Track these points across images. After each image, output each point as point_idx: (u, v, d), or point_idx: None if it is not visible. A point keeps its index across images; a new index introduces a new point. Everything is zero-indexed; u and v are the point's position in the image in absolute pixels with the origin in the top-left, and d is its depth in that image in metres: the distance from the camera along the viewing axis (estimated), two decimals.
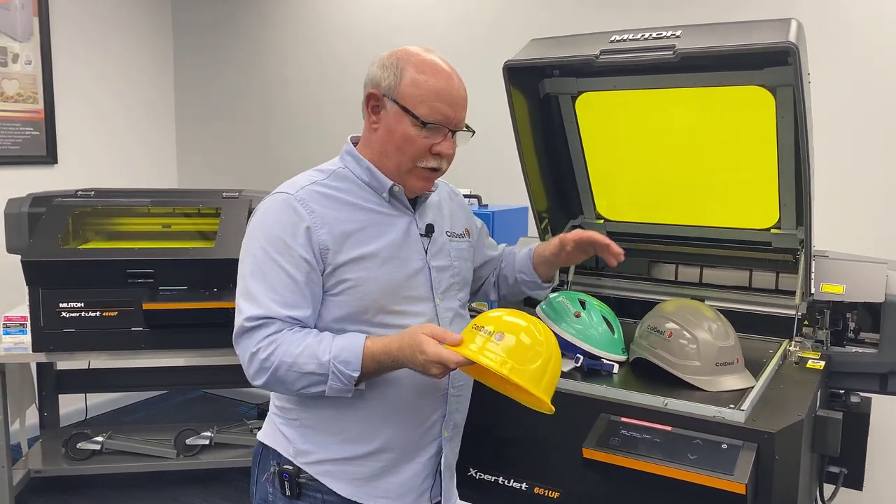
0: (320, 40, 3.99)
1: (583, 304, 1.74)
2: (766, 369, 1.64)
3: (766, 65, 1.62)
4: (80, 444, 3.27)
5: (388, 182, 1.43)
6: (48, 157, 3.90)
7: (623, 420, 1.48)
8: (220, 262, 2.69)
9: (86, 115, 4.09)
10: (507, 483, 1.64)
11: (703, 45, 1.54)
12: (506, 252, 1.79)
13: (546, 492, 1.58)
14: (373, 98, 1.42)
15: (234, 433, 3.44)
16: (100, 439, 3.29)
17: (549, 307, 1.76)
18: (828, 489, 1.87)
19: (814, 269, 1.83)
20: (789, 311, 1.87)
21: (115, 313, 2.78)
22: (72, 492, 3.32)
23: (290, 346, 1.32)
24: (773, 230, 1.91)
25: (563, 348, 1.69)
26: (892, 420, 2.52)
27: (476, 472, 1.69)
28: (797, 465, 1.37)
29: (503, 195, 3.16)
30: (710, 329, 1.59)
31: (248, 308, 1.36)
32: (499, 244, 1.83)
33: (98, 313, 2.78)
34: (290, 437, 1.46)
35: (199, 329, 2.80)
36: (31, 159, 3.84)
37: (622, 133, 1.97)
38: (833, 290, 1.79)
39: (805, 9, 2.53)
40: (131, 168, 4.33)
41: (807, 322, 1.87)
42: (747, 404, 1.44)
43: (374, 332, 1.38)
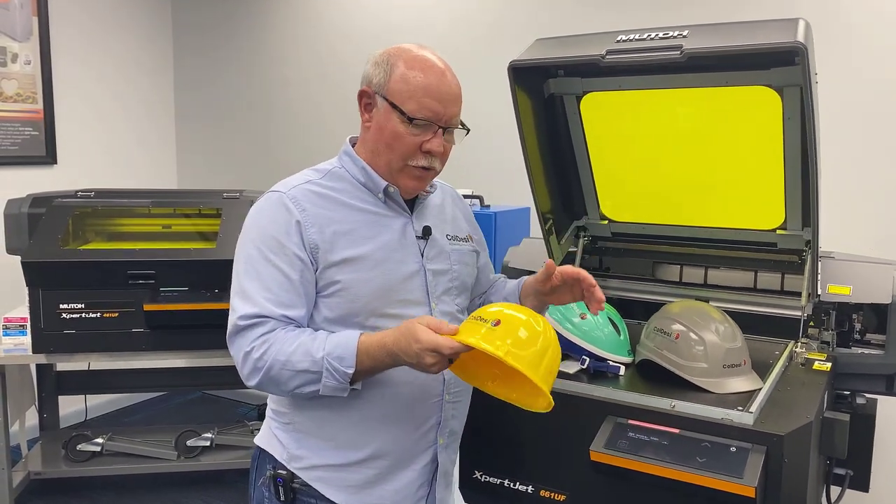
0: (320, 40, 3.98)
1: None
2: (772, 371, 1.63)
3: (773, 65, 1.62)
4: (80, 446, 3.26)
5: (383, 182, 1.41)
6: (47, 157, 3.88)
7: (630, 422, 1.47)
8: (222, 262, 2.65)
9: (85, 116, 4.07)
10: (512, 486, 1.63)
11: (711, 44, 1.53)
12: (499, 280, 1.74)
13: (552, 494, 1.57)
14: (365, 96, 1.41)
15: (235, 434, 3.42)
16: (100, 441, 3.28)
17: (555, 308, 1.75)
18: (833, 491, 1.86)
19: (820, 270, 1.82)
20: (795, 313, 1.86)
21: (116, 314, 2.77)
22: (72, 494, 3.30)
23: (283, 344, 1.30)
24: (778, 231, 1.90)
25: (568, 350, 1.69)
26: None
27: (481, 475, 1.68)
28: (806, 467, 1.37)
29: (505, 196, 3.16)
30: (717, 331, 1.59)
31: (242, 306, 1.34)
32: (503, 246, 1.81)
33: (99, 314, 2.77)
34: (284, 442, 1.44)
35: (200, 330, 2.78)
36: (31, 159, 3.82)
37: (627, 133, 1.96)
38: (840, 291, 1.78)
39: (805, 9, 2.53)
40: (131, 168, 4.31)
41: (812, 323, 1.87)
42: (755, 406, 1.43)
43: None
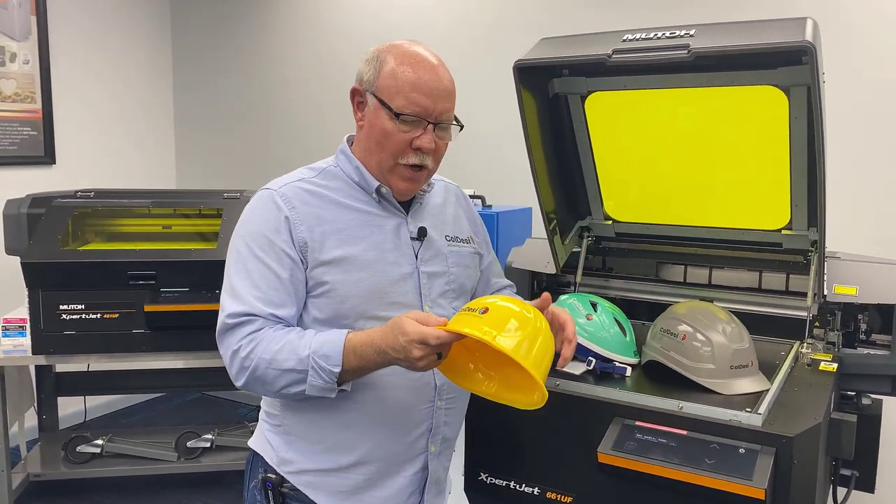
0: (320, 40, 3.96)
1: (594, 306, 1.73)
2: (779, 372, 1.63)
3: (780, 64, 1.61)
4: (79, 448, 3.24)
5: (375, 182, 1.39)
6: (46, 157, 3.86)
7: (638, 424, 1.46)
8: (223, 263, 2.57)
9: (84, 116, 4.06)
10: (518, 487, 1.62)
11: (719, 44, 1.52)
12: (505, 290, 1.70)
13: (559, 496, 1.57)
14: (356, 94, 1.39)
15: (236, 436, 3.41)
16: (100, 442, 3.26)
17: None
18: (838, 492, 1.85)
19: (826, 271, 1.82)
20: (800, 313, 1.86)
21: (116, 315, 2.76)
22: (71, 495, 3.28)
23: (269, 343, 1.28)
24: (784, 231, 1.90)
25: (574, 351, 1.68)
26: None
27: (487, 477, 1.67)
28: (815, 469, 1.36)
29: (507, 196, 3.15)
30: (724, 331, 1.58)
31: (231, 305, 1.32)
32: (505, 246, 1.79)
33: (99, 315, 2.75)
34: (275, 445, 1.43)
35: (201, 331, 2.76)
36: (29, 159, 3.80)
37: (631, 133, 1.95)
38: (846, 291, 1.77)
39: (806, 9, 2.52)
40: (130, 168, 4.29)
41: (818, 324, 1.86)
42: (763, 408, 1.42)
43: None
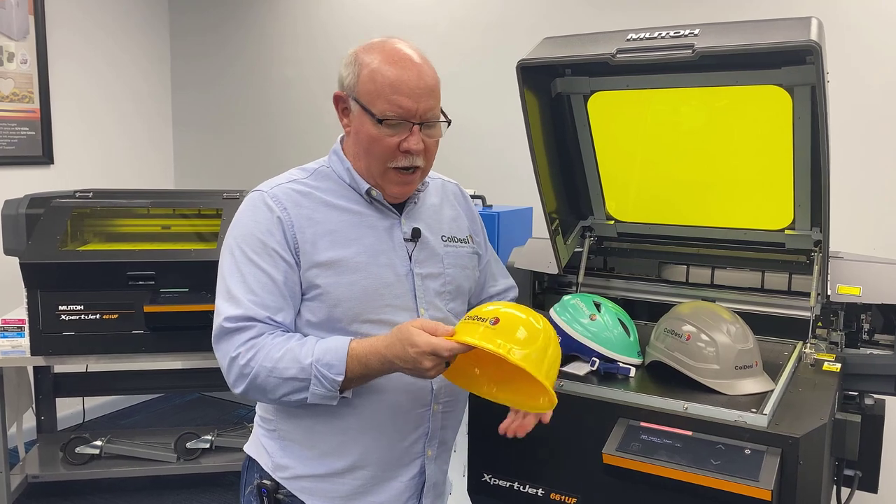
0: (319, 40, 3.95)
1: (598, 306, 1.72)
2: (783, 372, 1.62)
3: (784, 64, 1.61)
4: (78, 449, 3.22)
5: (365, 184, 1.37)
6: (44, 157, 3.85)
7: (642, 425, 1.46)
8: None
9: (82, 116, 4.04)
10: (522, 489, 1.62)
11: (724, 43, 1.51)
12: (509, 294, 1.69)
13: (563, 497, 1.56)
14: (339, 100, 1.36)
15: (235, 436, 3.39)
16: (99, 443, 3.24)
17: (563, 309, 1.73)
18: (843, 492, 1.85)
19: (829, 270, 1.81)
20: (803, 313, 1.86)
21: (116, 316, 2.75)
22: (70, 497, 3.26)
23: (270, 350, 1.26)
24: (787, 231, 1.89)
25: (578, 351, 1.68)
26: None
27: (490, 478, 1.66)
28: (821, 469, 1.36)
29: (507, 196, 3.14)
30: (728, 332, 1.57)
31: (228, 308, 1.29)
32: (506, 246, 1.78)
33: (98, 316, 2.74)
34: (270, 450, 1.41)
35: (200, 332, 2.75)
36: (27, 160, 3.78)
37: (634, 133, 1.95)
38: (850, 291, 1.77)
39: (806, 9, 2.52)
40: (128, 168, 4.28)
41: (820, 324, 1.86)
42: (769, 408, 1.42)
43: None
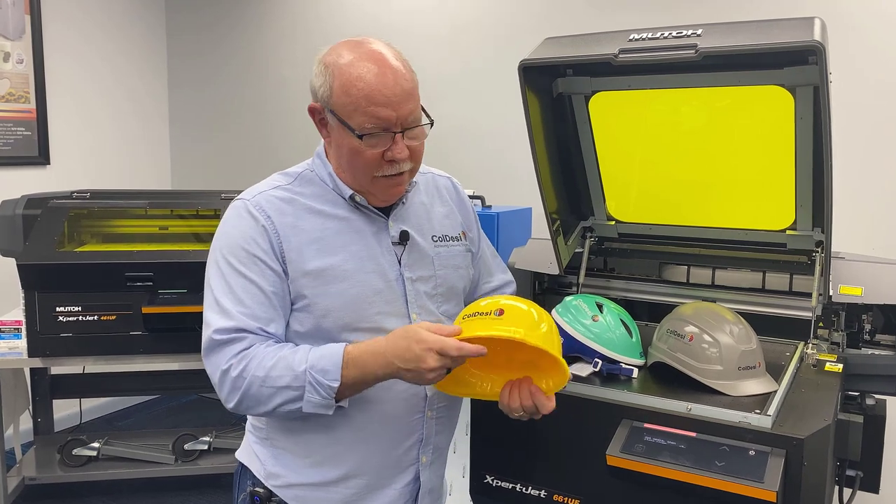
0: (318, 39, 3.94)
1: (600, 307, 1.72)
2: (786, 373, 1.62)
3: (787, 64, 1.60)
4: (75, 451, 3.21)
5: (348, 190, 1.33)
6: (40, 157, 3.83)
7: (646, 426, 1.45)
8: None
9: (78, 116, 4.02)
10: (525, 490, 1.61)
11: (727, 43, 1.51)
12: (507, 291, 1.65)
13: (566, 499, 1.55)
14: (315, 112, 1.32)
15: (233, 438, 3.38)
16: (96, 445, 3.23)
17: (566, 310, 1.73)
18: (844, 493, 1.85)
19: (831, 271, 1.81)
20: (804, 314, 1.85)
21: (114, 317, 2.74)
22: (68, 499, 3.25)
23: (262, 359, 1.22)
24: (788, 231, 1.89)
25: (580, 352, 1.68)
26: None
27: (493, 479, 1.66)
28: (825, 470, 1.35)
29: (507, 196, 3.14)
30: (731, 332, 1.57)
31: (218, 320, 1.25)
32: (505, 246, 1.75)
33: (96, 317, 2.73)
34: (262, 458, 1.39)
35: (198, 333, 2.74)
36: (23, 160, 3.77)
37: (635, 133, 1.94)
38: (851, 291, 1.77)
39: (807, 8, 2.52)
40: (124, 169, 4.26)
41: (822, 324, 1.86)
42: (772, 409, 1.42)
43: None
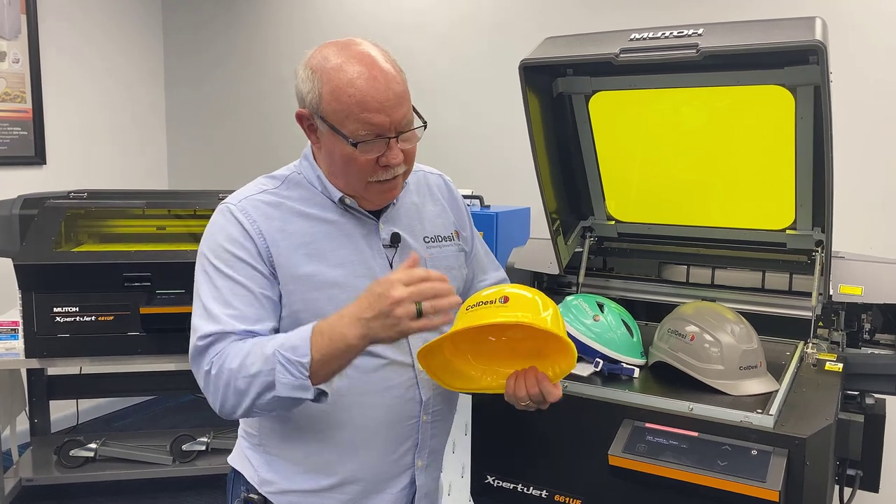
0: (316, 37, 3.89)
1: (601, 306, 1.72)
2: (786, 372, 1.62)
3: (787, 64, 1.61)
4: (72, 452, 3.19)
5: (338, 193, 1.30)
6: (37, 157, 3.81)
7: (647, 426, 1.45)
8: None
9: (75, 115, 4.01)
10: (526, 490, 1.61)
11: (728, 43, 1.51)
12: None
13: (567, 499, 1.55)
14: (303, 119, 1.27)
15: (231, 438, 3.36)
16: (93, 446, 3.21)
17: (566, 309, 1.73)
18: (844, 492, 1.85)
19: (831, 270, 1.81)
20: (804, 313, 1.86)
21: (111, 318, 2.72)
22: (65, 501, 3.23)
23: (237, 352, 1.18)
24: (788, 231, 1.89)
25: (582, 352, 1.67)
26: None
27: (494, 479, 1.66)
28: (826, 470, 1.36)
29: (506, 196, 3.14)
30: (732, 332, 1.57)
31: (203, 326, 1.22)
32: (504, 246, 1.74)
33: (93, 318, 2.72)
34: (255, 464, 1.37)
35: None
36: (20, 160, 3.75)
37: (635, 132, 1.94)
38: (852, 291, 1.77)
39: (807, 8, 2.52)
40: (121, 168, 4.25)
41: (821, 323, 1.86)
42: (774, 409, 1.42)
43: None
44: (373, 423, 1.32)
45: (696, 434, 1.41)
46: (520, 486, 1.62)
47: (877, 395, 1.81)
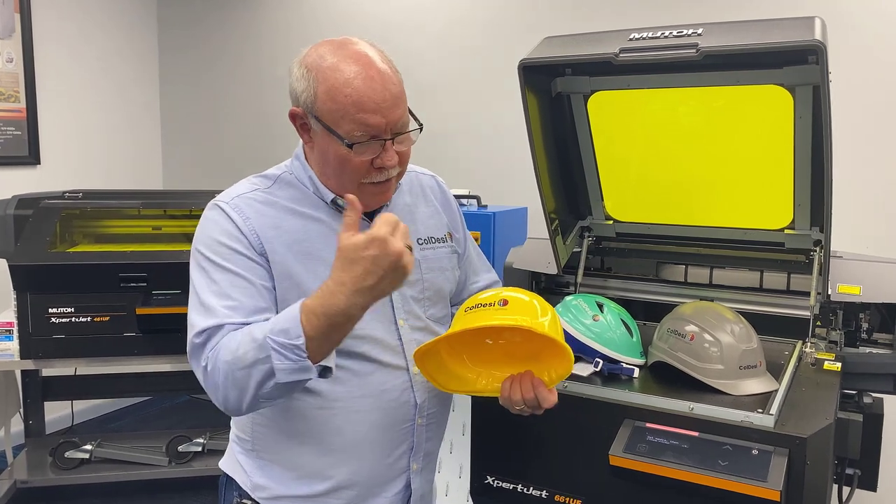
0: (312, 36, 3.89)
1: (600, 306, 1.71)
2: (785, 372, 1.62)
3: (786, 63, 1.61)
4: (67, 453, 3.18)
5: (330, 194, 1.29)
6: (31, 157, 3.80)
7: (648, 426, 1.45)
8: None
9: (69, 115, 3.99)
10: (526, 491, 1.61)
11: (728, 43, 1.51)
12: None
13: (568, 500, 1.55)
14: (297, 118, 1.26)
15: (228, 439, 3.36)
16: (88, 448, 3.20)
17: (566, 309, 1.72)
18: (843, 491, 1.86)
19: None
20: (802, 313, 1.86)
21: (107, 318, 2.72)
22: (60, 503, 3.22)
23: (229, 344, 1.14)
24: (786, 230, 1.90)
25: (581, 352, 1.67)
26: None
27: (493, 480, 1.65)
28: (827, 469, 1.36)
29: (504, 196, 3.14)
30: (732, 331, 1.57)
31: (200, 321, 1.19)
32: (501, 246, 1.73)
33: (89, 318, 2.71)
34: (248, 469, 1.36)
35: None
36: (13, 160, 3.73)
37: (633, 132, 1.94)
38: (850, 290, 1.78)
39: (806, 7, 2.53)
40: (115, 168, 4.23)
41: (819, 323, 1.86)
42: (774, 408, 1.42)
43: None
44: (368, 426, 1.31)
45: (696, 434, 1.41)
46: (520, 487, 1.62)
47: (874, 395, 1.82)
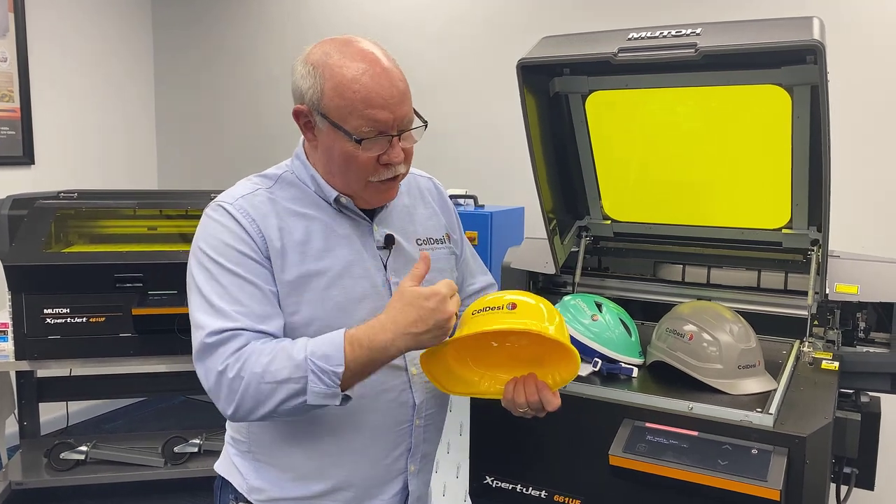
0: (309, 35, 3.87)
1: (599, 306, 1.71)
2: (784, 371, 1.63)
3: (784, 63, 1.61)
4: (63, 454, 3.16)
5: (333, 192, 1.28)
6: (25, 157, 3.78)
7: (647, 425, 1.45)
8: None
9: (63, 114, 3.97)
10: (525, 491, 1.60)
11: (727, 43, 1.51)
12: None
13: (567, 500, 1.55)
14: (301, 115, 1.25)
15: (224, 440, 3.35)
16: (84, 449, 3.18)
17: (565, 309, 1.72)
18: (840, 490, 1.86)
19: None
20: (799, 312, 1.87)
21: (103, 319, 2.71)
22: None
23: (259, 356, 1.14)
24: (784, 230, 1.90)
25: (580, 352, 1.66)
26: None
27: (493, 480, 1.65)
28: (826, 469, 1.36)
29: (502, 196, 3.14)
30: (731, 331, 1.57)
31: (211, 322, 1.16)
32: (498, 246, 1.73)
33: (84, 319, 2.70)
34: (244, 471, 1.35)
35: (189, 335, 2.72)
36: (8, 160, 3.71)
37: (631, 132, 1.94)
38: (847, 290, 1.78)
39: (806, 7, 2.54)
40: (110, 168, 4.21)
41: (817, 322, 1.87)
42: (773, 408, 1.42)
43: None
44: (366, 427, 1.31)
45: (696, 433, 1.41)
46: (519, 487, 1.61)
47: (871, 394, 1.82)
